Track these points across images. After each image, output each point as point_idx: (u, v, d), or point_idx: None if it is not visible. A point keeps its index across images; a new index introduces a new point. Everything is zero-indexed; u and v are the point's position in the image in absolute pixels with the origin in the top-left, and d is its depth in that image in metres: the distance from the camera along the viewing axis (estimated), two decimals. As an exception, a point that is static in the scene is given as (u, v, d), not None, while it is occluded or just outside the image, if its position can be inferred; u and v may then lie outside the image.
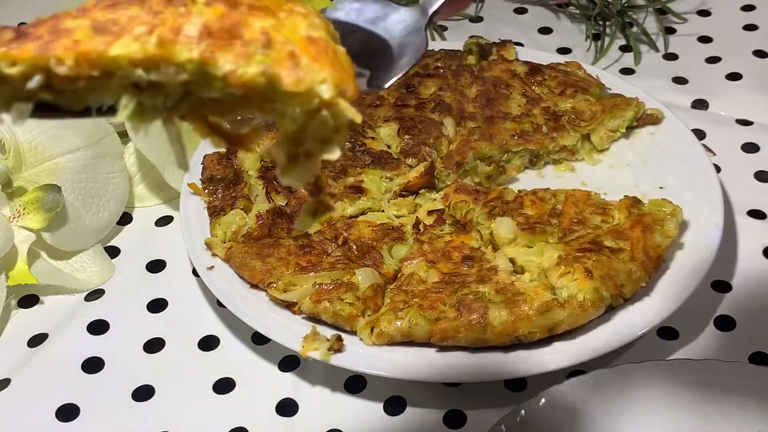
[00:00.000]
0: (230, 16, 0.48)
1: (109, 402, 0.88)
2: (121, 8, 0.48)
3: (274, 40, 0.47)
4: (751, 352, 0.88)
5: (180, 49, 0.46)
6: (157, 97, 0.47)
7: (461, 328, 0.83)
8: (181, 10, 0.47)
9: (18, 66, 0.45)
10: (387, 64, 0.58)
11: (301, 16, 0.50)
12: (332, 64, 0.47)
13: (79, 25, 0.46)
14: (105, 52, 0.45)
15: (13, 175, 1.00)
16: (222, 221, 0.96)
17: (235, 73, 0.46)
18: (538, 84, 1.13)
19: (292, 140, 0.49)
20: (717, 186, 0.97)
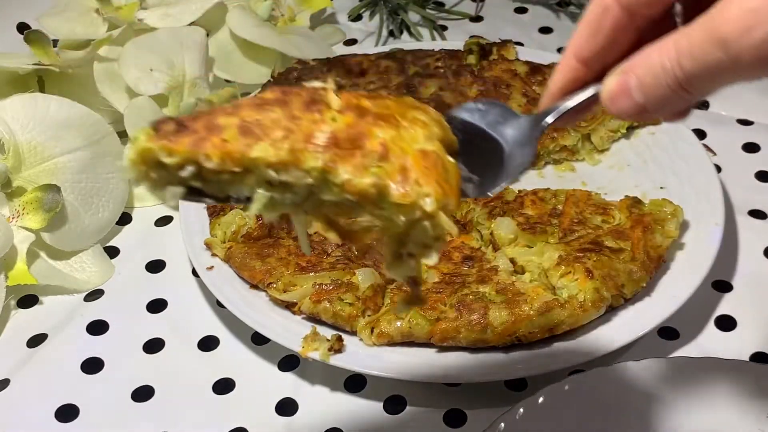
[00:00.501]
0: (356, 126, 0.54)
1: (108, 402, 0.88)
2: (267, 109, 0.54)
3: (390, 152, 0.52)
4: (752, 352, 0.87)
5: (307, 157, 0.52)
6: (286, 194, 0.54)
7: (461, 328, 0.82)
8: (316, 116, 0.54)
9: (174, 157, 0.53)
10: (497, 171, 0.59)
11: (422, 125, 0.55)
12: (438, 180, 0.52)
13: (230, 124, 0.53)
14: (246, 154, 0.52)
15: (12, 175, 0.99)
16: (222, 221, 0.96)
17: (351, 183, 0.52)
18: (539, 84, 1.13)
19: (397, 241, 0.55)
20: (718, 186, 0.97)
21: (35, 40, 1.09)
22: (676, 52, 0.50)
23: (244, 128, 0.53)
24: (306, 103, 0.55)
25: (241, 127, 0.53)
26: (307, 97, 0.55)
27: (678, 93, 0.51)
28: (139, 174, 0.54)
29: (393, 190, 0.51)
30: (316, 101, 0.55)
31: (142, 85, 1.09)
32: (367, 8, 1.40)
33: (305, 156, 0.52)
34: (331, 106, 0.55)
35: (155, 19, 1.20)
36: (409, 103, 0.58)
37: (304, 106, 0.55)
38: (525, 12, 1.40)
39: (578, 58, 0.58)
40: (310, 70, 1.17)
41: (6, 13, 1.40)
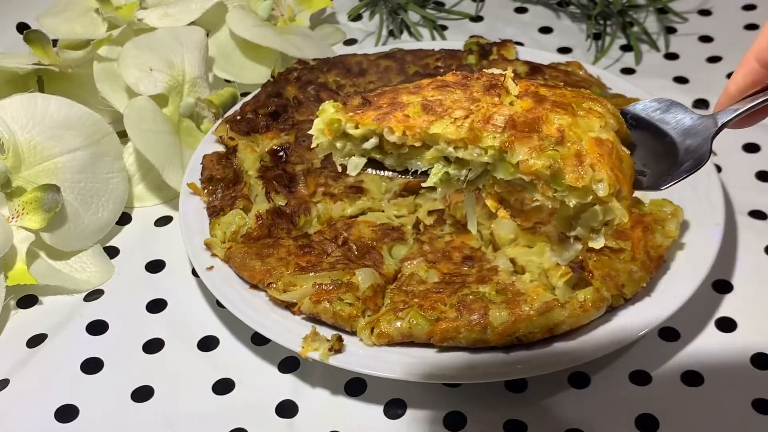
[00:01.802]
0: (534, 111, 0.57)
1: (108, 402, 0.88)
2: (448, 91, 0.58)
3: (566, 138, 0.55)
4: (752, 353, 0.87)
5: (486, 136, 0.55)
6: (461, 170, 0.57)
7: (461, 328, 0.82)
8: (495, 99, 0.57)
9: (359, 129, 0.57)
10: (669, 167, 0.61)
11: (597, 116, 0.58)
12: (612, 167, 0.55)
13: (412, 101, 0.58)
14: (427, 129, 0.56)
15: (12, 175, 0.99)
16: (221, 221, 0.96)
17: (526, 163, 0.55)
18: (539, 84, 1.12)
19: (566, 224, 0.58)
20: (718, 186, 0.97)
21: (35, 40, 1.09)
22: None
23: (427, 106, 0.57)
24: (486, 87, 0.58)
25: (424, 104, 0.57)
26: (486, 82, 0.58)
27: None
28: (325, 143, 0.59)
29: (568, 172, 0.54)
30: (495, 86, 0.58)
31: (142, 85, 1.09)
32: (367, 8, 1.40)
33: (484, 135, 0.55)
34: (510, 92, 0.58)
35: (155, 18, 1.20)
36: (585, 94, 0.60)
37: (483, 89, 0.58)
38: (525, 12, 1.40)
39: (760, 60, 0.58)
40: (310, 70, 1.17)
41: (6, 13, 1.40)
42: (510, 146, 0.55)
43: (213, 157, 1.04)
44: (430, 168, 0.58)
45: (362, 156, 0.59)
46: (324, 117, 0.58)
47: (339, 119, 0.58)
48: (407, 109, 0.57)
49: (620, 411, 0.83)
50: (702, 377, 0.85)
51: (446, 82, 0.59)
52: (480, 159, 0.56)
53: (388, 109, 0.57)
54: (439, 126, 0.56)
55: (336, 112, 0.58)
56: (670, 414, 0.82)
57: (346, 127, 0.58)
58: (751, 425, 0.81)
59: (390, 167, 0.60)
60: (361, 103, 0.58)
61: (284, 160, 1.04)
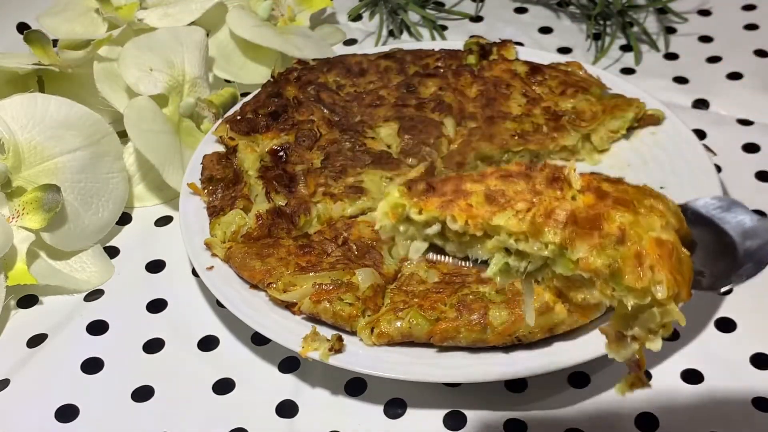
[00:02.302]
0: (596, 207, 0.57)
1: (108, 402, 0.88)
2: (511, 181, 0.58)
3: (627, 237, 0.55)
4: (752, 353, 0.87)
5: (547, 231, 0.56)
6: (521, 261, 0.58)
7: (461, 328, 0.82)
8: (558, 193, 0.58)
9: (423, 215, 0.58)
10: (728, 268, 0.61)
11: (659, 215, 0.58)
12: (672, 269, 0.55)
13: (476, 190, 0.58)
14: (489, 220, 0.57)
15: (12, 175, 0.99)
16: (221, 221, 0.96)
17: (586, 261, 0.55)
18: (539, 84, 1.13)
19: (623, 323, 0.58)
20: (718, 186, 0.97)
21: (35, 40, 1.09)
22: None
23: (490, 196, 0.57)
24: (549, 180, 0.58)
25: (487, 194, 0.58)
26: (550, 174, 0.59)
27: None
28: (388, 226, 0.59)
29: (627, 273, 0.54)
30: (558, 179, 0.58)
31: (142, 85, 1.09)
32: (367, 8, 1.40)
33: (545, 229, 0.56)
34: (573, 186, 0.58)
35: (155, 18, 1.20)
36: (647, 191, 0.61)
37: (546, 181, 0.58)
38: (525, 12, 1.40)
39: None
40: (310, 70, 1.17)
41: (6, 13, 1.40)
42: (571, 243, 0.55)
43: (213, 157, 1.04)
44: (490, 257, 0.59)
45: (424, 240, 0.60)
46: (389, 200, 0.59)
47: (404, 204, 0.59)
48: (470, 198, 0.58)
49: (620, 410, 0.83)
50: (702, 375, 0.86)
51: (510, 171, 0.59)
52: (540, 253, 0.57)
53: (452, 197, 0.58)
54: (502, 218, 0.57)
55: (401, 196, 0.59)
56: (670, 412, 0.82)
57: (410, 213, 0.59)
58: (752, 423, 0.81)
59: (450, 253, 0.60)
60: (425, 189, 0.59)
61: (284, 160, 1.04)
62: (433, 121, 1.08)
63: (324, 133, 1.07)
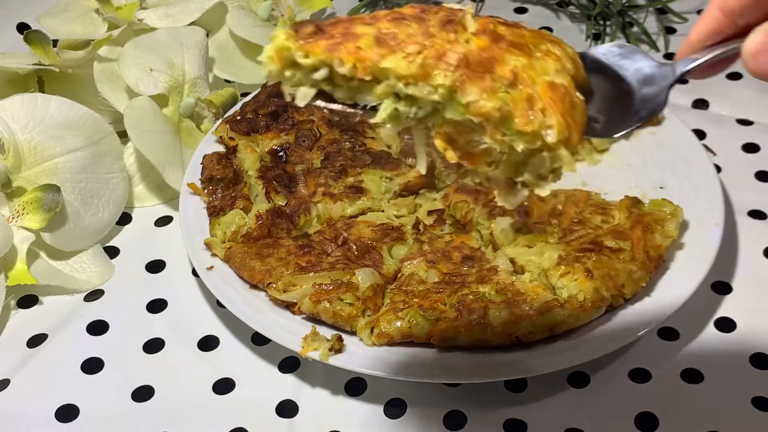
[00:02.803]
0: (490, 50, 0.55)
1: (108, 402, 0.88)
2: (404, 24, 0.56)
3: (519, 80, 0.53)
4: (751, 353, 0.87)
5: (437, 74, 0.53)
6: (411, 107, 0.55)
7: (461, 328, 0.82)
8: (451, 36, 0.55)
9: (310, 59, 0.55)
10: (624, 114, 0.59)
11: (554, 59, 0.56)
12: (563, 113, 0.53)
13: (366, 32, 0.55)
14: (377, 63, 0.54)
15: (12, 175, 1.00)
16: (221, 221, 0.96)
17: (476, 104, 0.53)
18: (539, 84, 1.12)
19: (513, 169, 0.56)
20: (717, 186, 0.97)
21: (35, 40, 1.09)
22: None
23: (380, 39, 0.55)
24: (443, 22, 0.56)
25: (377, 37, 0.55)
26: (444, 17, 0.56)
27: None
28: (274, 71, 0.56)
29: (517, 116, 0.53)
30: (452, 21, 0.56)
31: (142, 85, 1.09)
32: (366, 8, 1.40)
33: (435, 72, 0.53)
34: (467, 28, 0.56)
35: (155, 19, 1.20)
36: (545, 35, 0.58)
37: (440, 24, 0.56)
38: (525, 12, 1.40)
39: (723, 9, 0.57)
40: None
41: (6, 13, 1.40)
42: (461, 86, 0.53)
43: (213, 157, 1.04)
44: (379, 103, 0.56)
45: (312, 87, 0.57)
46: (274, 43, 0.56)
47: (289, 47, 0.55)
48: (360, 41, 0.55)
49: (620, 409, 0.83)
50: (702, 375, 0.86)
51: (403, 14, 0.57)
52: (429, 97, 0.54)
53: (340, 39, 0.55)
54: (391, 60, 0.54)
55: (287, 39, 0.55)
56: (670, 412, 0.82)
57: (296, 56, 0.55)
58: (752, 422, 0.82)
59: (339, 100, 0.57)
60: (313, 31, 0.55)
61: (284, 160, 1.04)
62: (433, 121, 1.08)
63: (324, 133, 1.07)
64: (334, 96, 0.57)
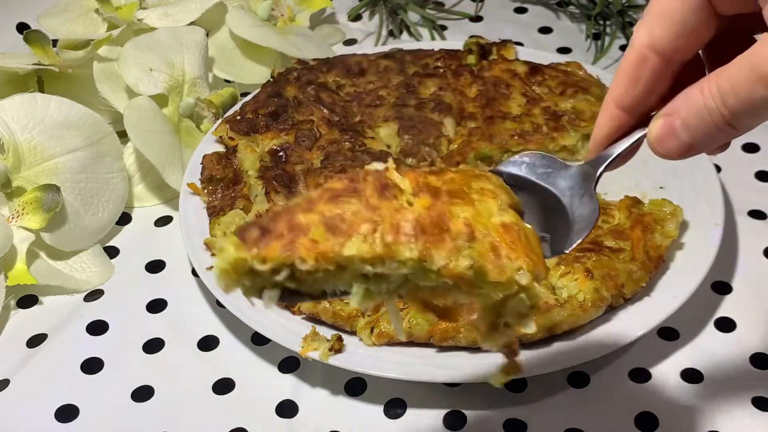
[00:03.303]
0: (435, 208, 0.55)
1: (108, 402, 0.88)
2: (343, 202, 0.54)
3: (476, 231, 0.54)
4: (751, 353, 0.88)
5: (401, 249, 0.53)
6: (381, 284, 0.55)
7: (461, 328, 0.82)
8: (394, 203, 0.55)
9: (267, 264, 0.53)
10: (564, 226, 0.61)
11: (491, 196, 0.57)
12: (526, 251, 0.54)
13: (312, 221, 0.53)
14: (340, 253, 0.52)
15: (12, 174, 0.99)
16: (221, 221, 0.96)
17: (448, 268, 0.53)
18: (539, 84, 1.13)
19: (493, 313, 0.57)
20: (717, 186, 0.97)
21: (35, 40, 1.09)
22: (719, 91, 0.52)
23: (330, 225, 0.53)
24: (378, 190, 0.55)
25: (326, 224, 0.53)
26: (376, 183, 0.56)
27: (724, 130, 0.53)
28: (230, 282, 0.54)
29: (489, 269, 0.53)
30: (387, 186, 0.56)
31: (142, 85, 1.09)
32: (366, 8, 1.40)
33: (399, 248, 0.53)
34: (404, 190, 0.56)
35: (155, 18, 1.20)
36: (469, 173, 0.59)
37: (377, 193, 0.55)
38: (525, 12, 1.40)
39: (620, 106, 0.60)
40: (310, 70, 1.17)
41: (6, 13, 1.40)
42: (428, 254, 0.53)
43: (213, 157, 1.04)
44: (348, 287, 0.56)
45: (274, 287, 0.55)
46: (226, 258, 0.53)
47: (244, 257, 0.53)
48: (311, 233, 0.53)
49: (620, 409, 0.83)
50: (702, 375, 0.86)
51: (336, 190, 0.55)
52: (399, 272, 0.54)
53: (291, 236, 0.53)
54: (352, 247, 0.53)
55: (237, 250, 0.53)
56: (670, 412, 0.82)
57: (253, 265, 0.53)
58: (752, 422, 0.81)
59: (306, 292, 0.56)
60: (260, 234, 0.53)
61: (284, 160, 1.04)
62: (433, 121, 1.08)
63: (324, 133, 1.07)
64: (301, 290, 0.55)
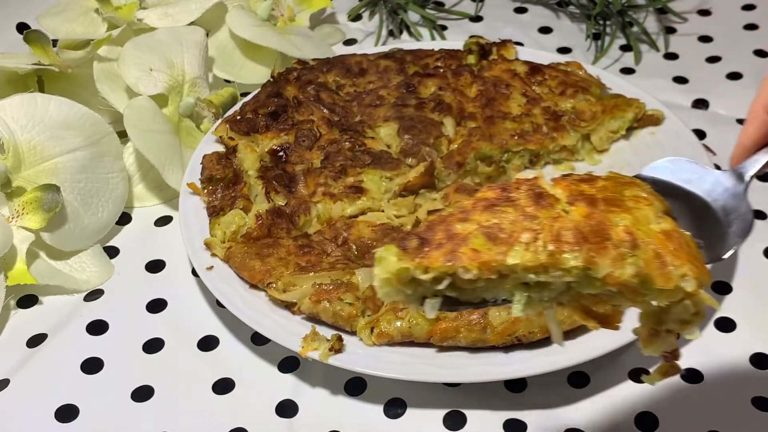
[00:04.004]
0: (594, 216, 0.55)
1: (108, 402, 0.88)
2: (498, 211, 0.55)
3: (638, 239, 0.54)
4: (751, 353, 0.88)
5: (565, 257, 0.53)
6: (543, 292, 0.56)
7: (461, 328, 0.82)
8: (551, 212, 0.55)
9: (430, 273, 0.54)
10: (717, 232, 0.61)
11: (646, 203, 0.56)
12: (689, 259, 0.54)
13: (470, 230, 0.54)
14: (503, 262, 0.53)
15: (12, 174, 0.99)
16: (221, 221, 0.96)
17: (613, 276, 0.53)
18: (539, 84, 1.13)
19: (655, 320, 0.57)
20: (717, 186, 0.97)
21: (35, 40, 1.09)
22: None
23: (490, 235, 0.54)
24: (533, 198, 0.56)
25: (487, 234, 0.54)
26: (530, 192, 0.56)
27: None
28: (392, 291, 0.55)
29: (655, 277, 0.53)
30: (542, 195, 0.56)
31: (142, 85, 1.09)
32: (366, 8, 1.40)
33: (563, 256, 0.53)
34: (559, 199, 0.56)
35: (155, 18, 1.20)
36: (619, 179, 0.59)
37: (533, 201, 0.56)
38: (525, 12, 1.40)
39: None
40: (310, 70, 1.17)
41: (6, 13, 1.40)
42: (592, 262, 0.53)
43: (213, 157, 1.04)
44: (509, 296, 0.57)
45: (435, 296, 0.56)
46: (387, 266, 0.55)
47: (407, 267, 0.55)
48: (470, 242, 0.54)
49: (620, 409, 0.83)
50: (701, 375, 0.86)
51: (490, 200, 0.56)
52: (563, 279, 0.54)
53: (451, 246, 0.54)
54: (515, 256, 0.54)
55: (399, 260, 0.55)
56: (670, 412, 0.82)
57: (416, 274, 0.55)
58: (752, 422, 0.82)
59: (466, 301, 0.57)
60: (419, 244, 0.55)
61: (284, 160, 1.04)
62: (433, 121, 1.08)
63: (324, 133, 1.07)
64: (460, 299, 0.57)
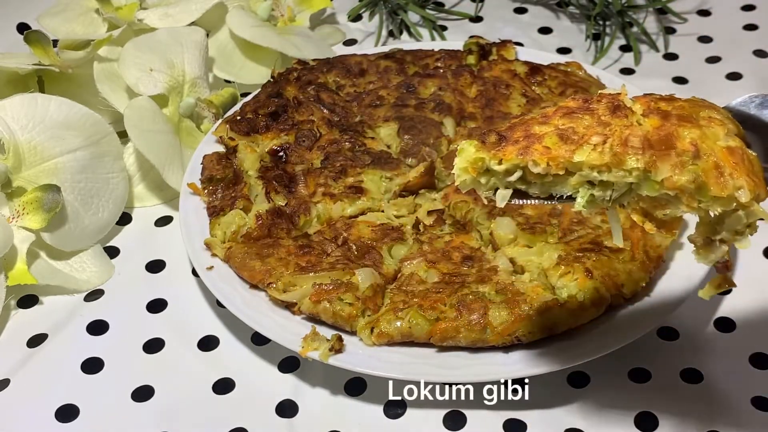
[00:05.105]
0: (664, 128, 0.60)
1: (108, 402, 0.88)
2: (576, 117, 0.61)
3: (701, 151, 0.59)
4: (751, 353, 0.88)
5: (628, 159, 0.59)
6: (606, 191, 0.61)
7: (461, 328, 0.82)
8: (624, 121, 0.60)
9: (503, 165, 0.61)
10: None
11: (719, 124, 0.61)
12: (748, 173, 0.59)
13: (546, 132, 0.60)
14: (570, 158, 0.59)
15: (12, 175, 1.00)
16: (221, 221, 0.96)
17: (671, 180, 0.58)
18: (539, 84, 1.13)
19: (710, 229, 0.61)
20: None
21: (35, 40, 1.09)
22: None
23: (563, 135, 0.60)
24: (611, 110, 0.61)
25: (560, 134, 0.60)
26: (609, 104, 0.62)
27: None
28: (468, 180, 0.62)
29: (711, 185, 0.58)
30: (619, 107, 0.61)
31: (142, 85, 1.09)
32: (366, 8, 1.40)
33: (626, 158, 0.59)
34: (635, 111, 0.61)
35: (155, 19, 1.20)
36: (698, 102, 0.63)
37: (610, 112, 0.61)
38: (525, 12, 1.40)
39: None
40: (310, 70, 1.17)
41: (6, 14, 1.40)
42: (653, 165, 0.58)
43: (213, 157, 1.04)
44: (574, 192, 0.61)
45: (506, 188, 0.62)
46: (466, 156, 0.61)
47: (483, 157, 0.61)
48: (544, 140, 0.60)
49: (620, 409, 0.83)
50: (701, 375, 0.86)
51: (570, 108, 0.62)
52: (625, 180, 0.59)
53: (526, 143, 0.60)
54: (582, 154, 0.59)
55: (477, 151, 0.61)
56: (670, 412, 0.82)
57: (491, 164, 0.61)
58: (752, 422, 0.82)
59: (534, 195, 0.63)
60: (498, 139, 0.61)
61: (284, 160, 1.04)
62: (433, 121, 1.08)
63: (324, 133, 1.07)
64: (529, 192, 0.62)
